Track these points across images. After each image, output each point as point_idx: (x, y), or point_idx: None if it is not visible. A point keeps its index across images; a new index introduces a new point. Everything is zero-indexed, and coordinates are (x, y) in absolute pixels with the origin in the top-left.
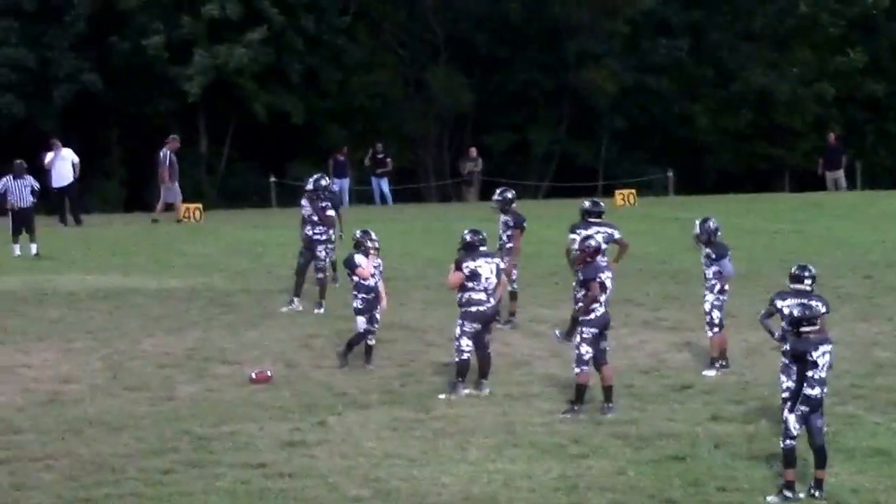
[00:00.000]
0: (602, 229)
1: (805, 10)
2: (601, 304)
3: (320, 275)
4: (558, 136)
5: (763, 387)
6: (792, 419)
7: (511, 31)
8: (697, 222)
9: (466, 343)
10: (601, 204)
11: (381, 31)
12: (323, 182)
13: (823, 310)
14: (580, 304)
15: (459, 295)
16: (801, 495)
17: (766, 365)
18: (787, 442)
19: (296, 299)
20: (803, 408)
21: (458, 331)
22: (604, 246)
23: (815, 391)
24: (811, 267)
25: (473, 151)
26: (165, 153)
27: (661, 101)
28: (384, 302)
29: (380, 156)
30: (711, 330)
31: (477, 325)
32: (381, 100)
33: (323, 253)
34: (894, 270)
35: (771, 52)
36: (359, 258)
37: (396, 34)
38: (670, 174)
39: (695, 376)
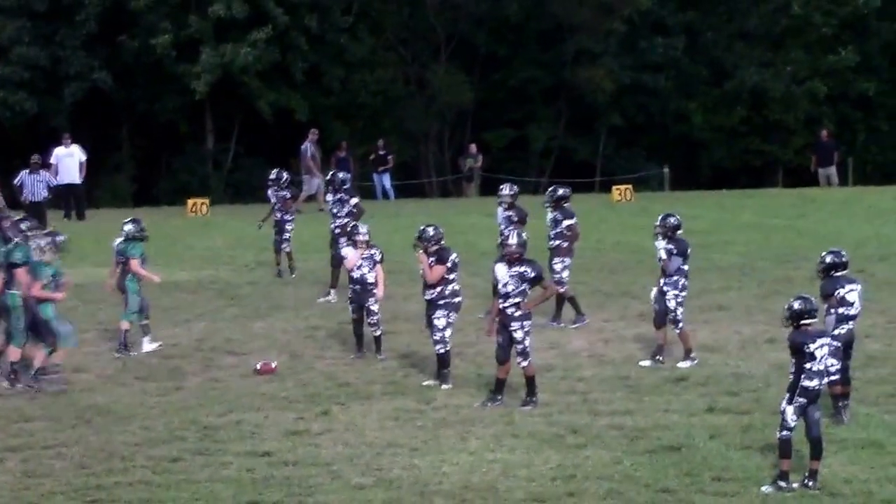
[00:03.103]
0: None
1: (798, 11)
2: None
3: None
4: (557, 132)
5: (757, 379)
6: (790, 410)
7: (511, 29)
8: (660, 217)
9: (449, 334)
10: (515, 187)
11: (382, 30)
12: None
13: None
14: (527, 300)
15: (440, 288)
16: (795, 485)
17: (760, 357)
18: (784, 433)
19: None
20: (801, 399)
21: (442, 322)
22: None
23: (814, 383)
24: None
25: (473, 148)
26: (306, 147)
27: (657, 98)
28: (380, 291)
29: (381, 153)
30: (677, 326)
31: (456, 315)
32: (382, 97)
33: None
34: (887, 264)
35: (765, 51)
36: (345, 250)
37: (398, 33)
38: (666, 170)
39: (690, 368)
